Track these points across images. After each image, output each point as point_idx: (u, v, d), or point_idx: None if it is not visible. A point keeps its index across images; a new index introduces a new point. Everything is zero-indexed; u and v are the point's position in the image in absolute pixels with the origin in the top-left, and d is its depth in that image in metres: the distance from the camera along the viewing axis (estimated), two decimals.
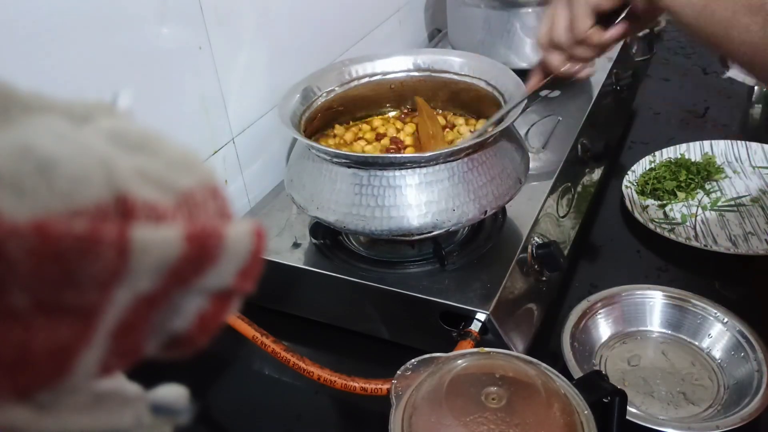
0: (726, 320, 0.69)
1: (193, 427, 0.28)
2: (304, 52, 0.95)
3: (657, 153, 1.01)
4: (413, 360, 0.57)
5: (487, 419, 0.48)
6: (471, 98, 0.82)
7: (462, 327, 0.65)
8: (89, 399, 0.23)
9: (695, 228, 0.88)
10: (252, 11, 0.83)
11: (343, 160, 0.67)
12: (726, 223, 0.88)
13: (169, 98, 0.74)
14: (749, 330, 0.67)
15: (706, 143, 1.02)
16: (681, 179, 0.94)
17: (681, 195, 0.93)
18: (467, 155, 0.67)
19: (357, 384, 0.60)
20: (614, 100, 1.09)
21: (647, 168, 0.99)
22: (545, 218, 0.78)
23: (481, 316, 0.64)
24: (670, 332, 0.71)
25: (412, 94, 0.86)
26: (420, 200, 0.65)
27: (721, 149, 1.02)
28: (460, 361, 0.54)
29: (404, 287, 0.69)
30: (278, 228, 0.79)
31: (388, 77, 0.84)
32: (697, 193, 0.94)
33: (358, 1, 1.08)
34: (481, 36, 1.06)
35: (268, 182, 0.90)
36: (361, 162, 0.66)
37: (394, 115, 0.86)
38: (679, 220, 0.89)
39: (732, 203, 0.91)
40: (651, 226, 0.86)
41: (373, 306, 0.72)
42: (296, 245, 0.77)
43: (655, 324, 0.72)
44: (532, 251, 0.73)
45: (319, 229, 0.77)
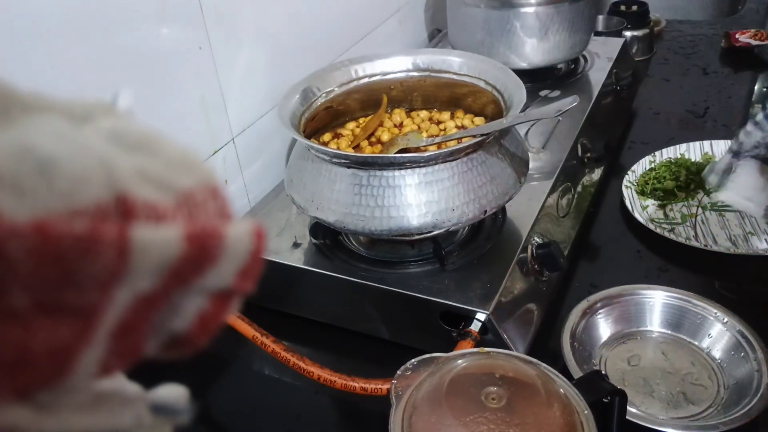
0: (726, 320, 0.69)
1: (193, 427, 0.28)
2: (304, 52, 0.95)
3: (657, 153, 1.01)
4: (413, 360, 0.57)
5: (487, 419, 0.48)
6: (471, 98, 0.83)
7: (462, 327, 0.65)
8: (89, 399, 0.23)
9: (695, 228, 0.88)
10: (252, 11, 0.83)
11: (343, 161, 0.67)
12: (726, 223, 0.88)
13: (169, 98, 0.74)
14: (749, 330, 0.67)
15: (706, 143, 1.02)
16: (681, 179, 0.94)
17: (681, 195, 0.93)
18: (467, 155, 0.67)
19: (357, 384, 0.60)
20: (614, 100, 1.09)
21: (647, 168, 0.99)
22: (545, 218, 0.78)
23: (481, 316, 0.64)
24: (670, 332, 0.71)
25: (412, 94, 0.86)
26: (420, 200, 0.65)
27: (721, 149, 1.02)
28: (460, 361, 0.54)
29: (404, 287, 0.69)
30: (278, 228, 0.79)
31: (388, 77, 0.84)
32: (697, 193, 0.94)
33: (358, 1, 1.08)
34: (481, 36, 1.06)
35: (268, 182, 0.90)
36: (361, 162, 0.66)
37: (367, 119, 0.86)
38: (679, 220, 0.89)
39: None
40: (651, 226, 0.86)
41: (373, 306, 0.72)
42: (296, 245, 0.77)
43: (655, 324, 0.72)
44: (532, 251, 0.73)
45: (319, 229, 0.77)
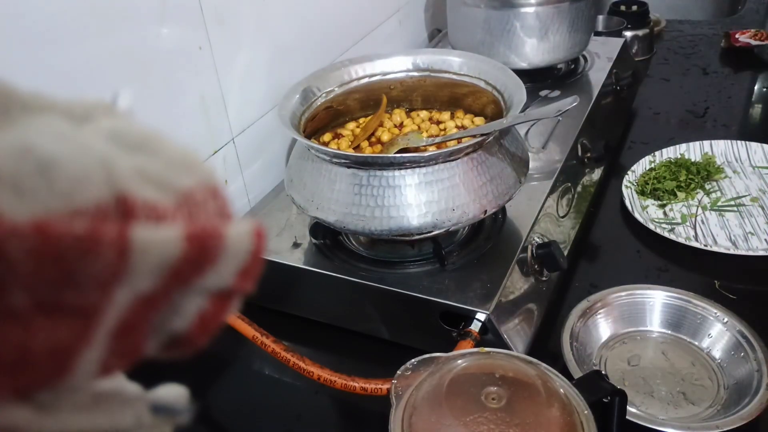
0: (726, 320, 0.69)
1: (193, 427, 0.28)
2: (304, 52, 0.95)
3: (657, 153, 1.01)
4: (413, 360, 0.57)
5: (487, 419, 0.48)
6: (471, 98, 0.83)
7: (462, 327, 0.65)
8: (89, 399, 0.23)
9: (695, 228, 0.88)
10: (252, 11, 0.83)
11: (343, 161, 0.67)
12: (726, 223, 0.88)
13: (169, 98, 0.74)
14: (749, 330, 0.67)
15: (706, 143, 1.02)
16: (681, 179, 0.94)
17: (681, 195, 0.93)
18: (467, 155, 0.67)
19: (357, 384, 0.60)
20: (614, 100, 1.09)
21: (647, 168, 0.99)
22: (545, 218, 0.78)
23: (481, 316, 0.64)
24: (670, 332, 0.71)
25: (412, 94, 0.86)
26: (420, 200, 0.65)
27: (721, 149, 1.02)
28: (460, 361, 0.54)
29: (404, 287, 0.69)
30: (278, 228, 0.79)
31: (388, 77, 0.84)
32: (697, 193, 0.94)
33: (358, 1, 1.08)
34: (481, 36, 1.06)
35: (268, 182, 0.90)
36: (361, 162, 0.66)
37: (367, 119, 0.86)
38: (679, 220, 0.89)
39: (732, 203, 0.91)
40: (651, 226, 0.86)
41: (373, 306, 0.72)
42: (296, 245, 0.77)
43: (655, 324, 0.72)
44: (532, 251, 0.73)
45: (319, 229, 0.77)
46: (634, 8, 1.38)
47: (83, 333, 0.19)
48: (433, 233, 0.68)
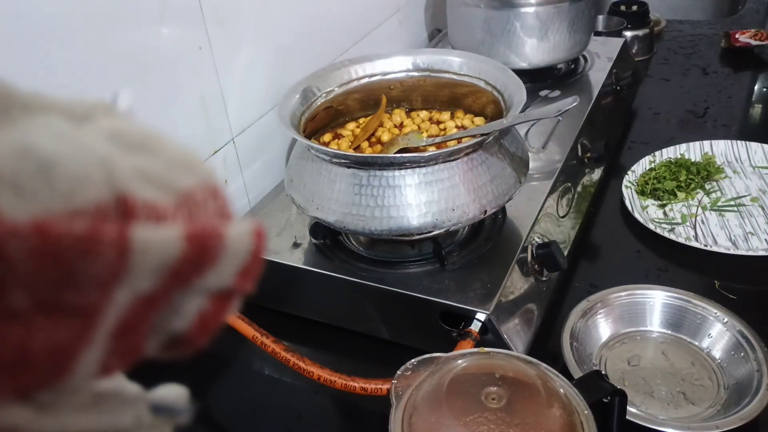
0: (726, 320, 0.69)
1: (193, 427, 0.28)
2: (304, 52, 0.95)
3: (657, 153, 1.01)
4: (413, 360, 0.57)
5: (487, 419, 0.48)
6: (471, 98, 0.83)
7: (462, 327, 0.65)
8: (89, 399, 0.23)
9: (695, 228, 0.88)
10: (252, 11, 0.83)
11: (343, 161, 0.67)
12: (726, 223, 0.88)
13: (169, 98, 0.74)
14: (749, 330, 0.67)
15: (706, 143, 1.02)
16: (681, 179, 0.94)
17: (681, 195, 0.93)
18: (467, 155, 0.67)
19: (357, 384, 0.60)
20: (614, 100, 1.09)
21: (647, 168, 0.99)
22: (545, 218, 0.78)
23: (481, 316, 0.64)
24: (670, 332, 0.71)
25: (412, 94, 0.86)
26: (420, 200, 0.65)
27: (721, 149, 1.02)
28: (460, 361, 0.54)
29: (404, 287, 0.69)
30: (278, 228, 0.79)
31: (388, 77, 0.84)
32: (697, 193, 0.94)
33: (358, 1, 1.08)
34: (481, 36, 1.06)
35: (268, 182, 0.90)
36: (361, 162, 0.66)
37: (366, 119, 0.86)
38: (679, 220, 0.89)
39: (732, 203, 0.91)
40: (651, 226, 0.86)
41: (373, 306, 0.72)
42: (296, 245, 0.77)
43: (655, 324, 0.72)
44: (532, 251, 0.73)
45: (319, 229, 0.77)
46: (634, 8, 1.38)
47: (83, 333, 0.19)
48: (433, 233, 0.68)
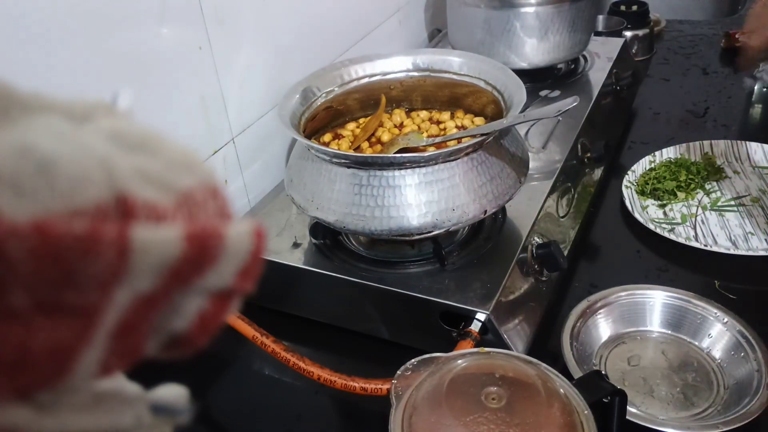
0: (726, 320, 0.69)
1: (193, 427, 0.28)
2: (304, 52, 0.95)
3: (657, 153, 1.01)
4: (413, 360, 0.57)
5: (487, 419, 0.48)
6: (471, 98, 0.82)
7: (462, 327, 0.65)
8: (89, 399, 0.23)
9: (695, 228, 0.88)
10: (252, 11, 0.83)
11: (343, 161, 0.67)
12: (726, 223, 0.88)
13: (169, 98, 0.74)
14: (749, 330, 0.67)
15: (706, 143, 1.02)
16: (681, 179, 0.94)
17: (681, 195, 0.93)
18: (467, 155, 0.67)
19: (357, 384, 0.60)
20: (614, 100, 1.09)
21: (647, 168, 0.99)
22: (545, 218, 0.78)
23: (481, 316, 0.64)
24: (670, 332, 0.71)
25: (412, 94, 0.86)
26: (420, 200, 0.65)
27: (721, 149, 1.02)
28: (460, 361, 0.54)
29: (404, 287, 0.69)
30: (278, 228, 0.79)
31: (388, 77, 0.84)
32: (697, 193, 0.94)
33: (358, 1, 1.08)
34: (481, 36, 1.06)
35: (268, 182, 0.90)
36: (361, 162, 0.66)
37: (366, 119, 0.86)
38: (679, 220, 0.89)
39: (732, 203, 0.91)
40: (651, 226, 0.86)
41: (373, 306, 0.72)
42: (296, 245, 0.77)
43: (655, 324, 0.72)
44: (532, 251, 0.73)
45: (319, 229, 0.77)
46: (634, 8, 1.38)
47: (83, 333, 0.19)
48: (433, 233, 0.68)
